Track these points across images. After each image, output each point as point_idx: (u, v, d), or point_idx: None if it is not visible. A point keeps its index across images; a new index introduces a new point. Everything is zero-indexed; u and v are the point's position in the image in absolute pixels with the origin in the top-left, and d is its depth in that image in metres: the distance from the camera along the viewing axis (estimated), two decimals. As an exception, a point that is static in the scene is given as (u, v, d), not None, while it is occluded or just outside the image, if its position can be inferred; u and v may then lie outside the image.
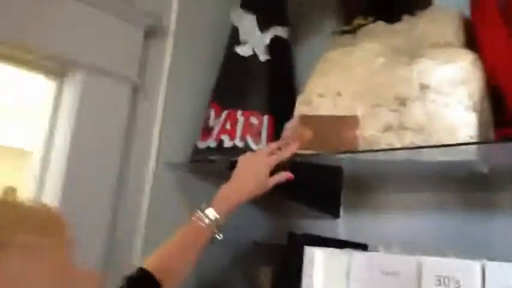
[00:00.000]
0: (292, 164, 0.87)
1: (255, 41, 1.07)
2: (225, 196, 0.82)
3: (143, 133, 1.06)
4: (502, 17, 0.69)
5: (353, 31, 1.00)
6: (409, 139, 0.80)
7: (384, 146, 0.81)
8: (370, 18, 0.97)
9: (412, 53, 0.83)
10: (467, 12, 0.86)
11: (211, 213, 0.79)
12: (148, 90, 1.08)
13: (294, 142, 0.87)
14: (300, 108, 0.91)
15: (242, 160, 0.87)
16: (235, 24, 1.11)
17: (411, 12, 0.93)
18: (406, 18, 0.94)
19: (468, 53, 0.78)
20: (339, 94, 0.87)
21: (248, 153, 0.88)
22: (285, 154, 0.86)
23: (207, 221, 0.78)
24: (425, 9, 0.92)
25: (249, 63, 1.06)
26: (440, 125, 0.78)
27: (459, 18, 0.85)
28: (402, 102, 0.81)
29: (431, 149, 0.78)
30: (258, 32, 1.08)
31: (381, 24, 0.95)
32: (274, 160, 0.85)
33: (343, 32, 1.02)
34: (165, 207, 1.05)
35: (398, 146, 0.80)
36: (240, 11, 1.10)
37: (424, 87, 0.80)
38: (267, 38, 1.08)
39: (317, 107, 0.89)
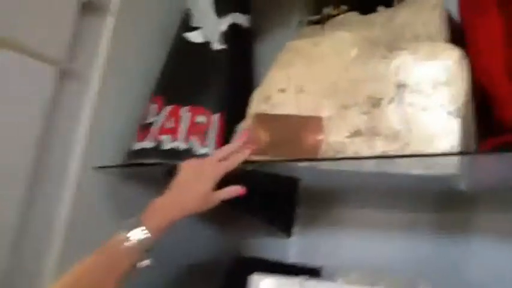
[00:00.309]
0: (242, 172, 0.72)
1: (209, 27, 0.93)
2: (158, 211, 0.66)
3: (67, 128, 0.88)
4: (498, 5, 0.58)
5: (322, 21, 0.87)
6: (380, 147, 0.67)
7: (350, 154, 0.68)
8: (343, 8, 0.85)
9: (390, 46, 0.70)
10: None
11: (137, 233, 0.62)
12: (79, 77, 0.90)
13: (247, 146, 0.73)
14: (256, 106, 0.77)
15: (185, 168, 0.71)
16: (189, 7, 0.96)
17: (388, 3, 0.82)
18: (382, 9, 0.82)
19: (454, 49, 0.66)
20: (301, 90, 0.74)
21: (192, 160, 0.73)
22: (236, 161, 0.71)
23: (132, 242, 0.62)
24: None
25: (200, 51, 0.91)
26: (417, 132, 0.66)
27: (442, 9, 0.74)
28: (375, 103, 0.69)
29: (405, 160, 0.66)
30: (214, 17, 0.93)
31: (354, 14, 0.83)
32: (223, 169, 0.70)
33: (311, 23, 0.89)
34: (89, 220, 0.86)
35: (368, 154, 0.67)
36: (195, -9, 0.95)
37: (401, 86, 0.68)
38: (223, 24, 0.93)
39: (276, 104, 0.75)
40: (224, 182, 0.71)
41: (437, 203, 0.86)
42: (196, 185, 0.69)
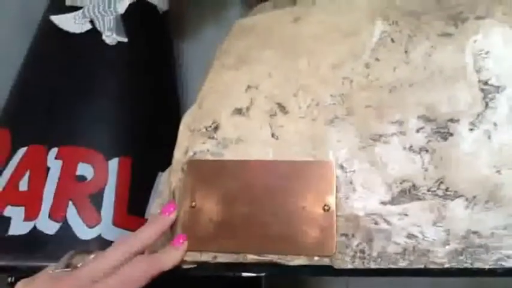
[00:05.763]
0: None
1: (97, 6, 0.53)
2: None
3: None
4: None
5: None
6: (464, 220, 0.32)
7: (403, 241, 0.33)
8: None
9: (451, 12, 0.36)
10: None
11: None
12: None
13: (179, 237, 0.35)
14: (191, 144, 0.38)
15: None
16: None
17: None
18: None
19: None
20: (281, 108, 0.37)
21: (39, 278, 0.32)
22: (155, 269, 0.33)
23: None
24: None
25: (81, 47, 0.51)
26: None
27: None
28: (438, 129, 0.34)
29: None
30: (103, -10, 0.54)
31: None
32: None
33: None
34: None
35: (440, 239, 0.32)
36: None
37: (489, 91, 0.33)
38: (121, 3, 0.54)
39: (231, 140, 0.37)
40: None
41: None
42: None
